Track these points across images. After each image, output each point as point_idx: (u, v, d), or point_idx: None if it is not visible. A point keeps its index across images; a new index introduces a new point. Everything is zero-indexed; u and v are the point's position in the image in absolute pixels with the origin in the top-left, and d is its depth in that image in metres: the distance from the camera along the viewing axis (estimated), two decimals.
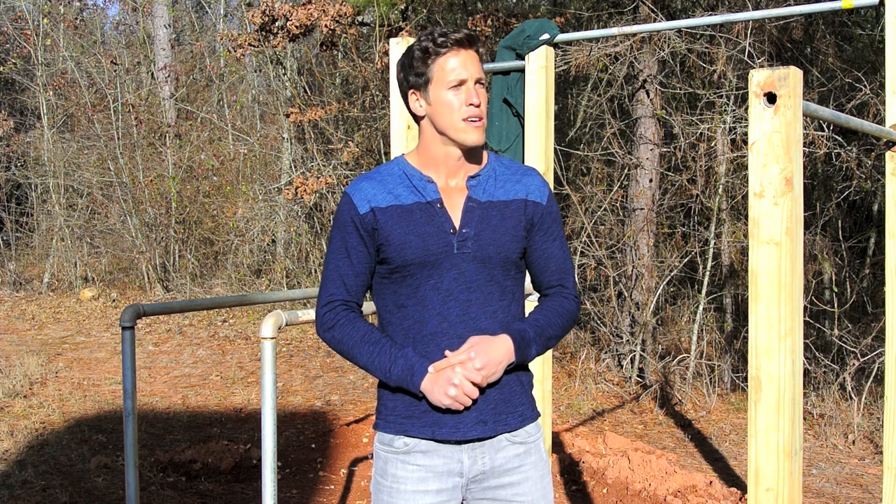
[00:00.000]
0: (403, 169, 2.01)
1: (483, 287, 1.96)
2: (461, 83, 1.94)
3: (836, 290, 7.19)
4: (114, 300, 12.09)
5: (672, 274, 7.67)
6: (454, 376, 1.88)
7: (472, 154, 2.01)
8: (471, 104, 1.93)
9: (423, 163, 2.01)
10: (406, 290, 1.96)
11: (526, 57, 3.59)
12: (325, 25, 9.32)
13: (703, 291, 7.39)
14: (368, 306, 2.20)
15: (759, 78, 1.94)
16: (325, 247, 10.89)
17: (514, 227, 1.99)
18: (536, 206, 2.02)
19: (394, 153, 3.77)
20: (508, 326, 1.97)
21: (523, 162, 3.57)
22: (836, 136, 7.05)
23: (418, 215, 1.95)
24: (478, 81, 1.96)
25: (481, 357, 1.89)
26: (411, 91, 2.00)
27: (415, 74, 1.98)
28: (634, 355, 7.54)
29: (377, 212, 1.95)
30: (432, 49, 1.94)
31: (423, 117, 2.00)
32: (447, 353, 1.92)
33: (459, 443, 1.96)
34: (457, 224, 1.96)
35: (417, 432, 1.96)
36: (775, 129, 1.93)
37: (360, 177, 2.03)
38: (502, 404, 1.98)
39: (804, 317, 4.41)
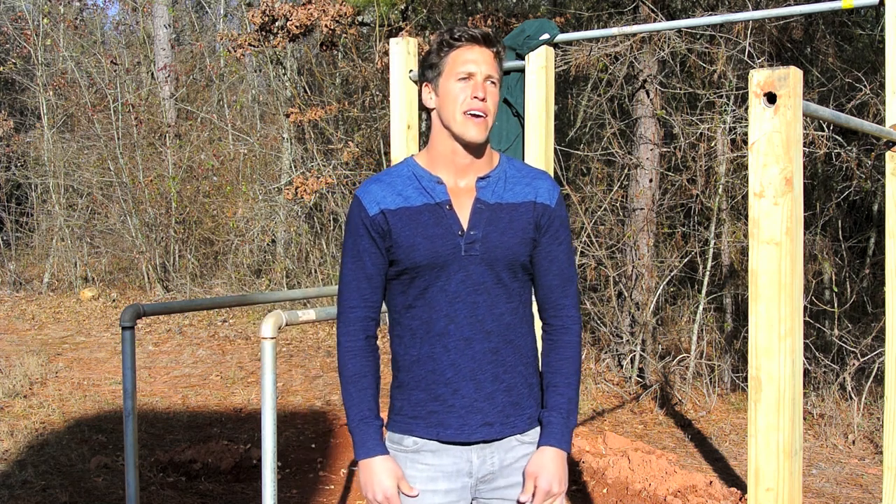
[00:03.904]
0: (413, 170, 2.01)
1: (490, 289, 1.96)
2: (469, 76, 1.94)
3: (836, 290, 7.19)
4: (114, 300, 12.09)
5: (672, 274, 7.67)
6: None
7: (478, 152, 1.99)
8: (475, 97, 1.93)
9: (432, 162, 2.01)
10: (414, 291, 1.96)
11: (526, 57, 3.58)
12: (325, 25, 9.32)
13: (703, 291, 7.39)
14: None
15: (759, 78, 1.94)
16: (325, 247, 10.89)
17: (523, 230, 1.98)
18: (545, 208, 2.02)
19: (394, 153, 3.76)
20: (548, 432, 1.99)
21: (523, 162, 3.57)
22: (836, 136, 7.05)
23: (427, 217, 1.95)
24: (489, 78, 1.95)
25: (559, 483, 1.96)
26: (425, 84, 2.02)
27: (429, 67, 1.99)
28: (634, 355, 7.54)
29: (387, 213, 1.95)
30: (447, 42, 1.96)
31: (432, 110, 2.01)
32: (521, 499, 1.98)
33: (467, 444, 1.97)
34: (465, 226, 1.96)
35: (423, 432, 1.97)
36: (775, 129, 1.93)
37: (370, 179, 2.03)
38: (510, 407, 1.99)
39: (804, 317, 4.41)
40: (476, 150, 1.99)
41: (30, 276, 13.88)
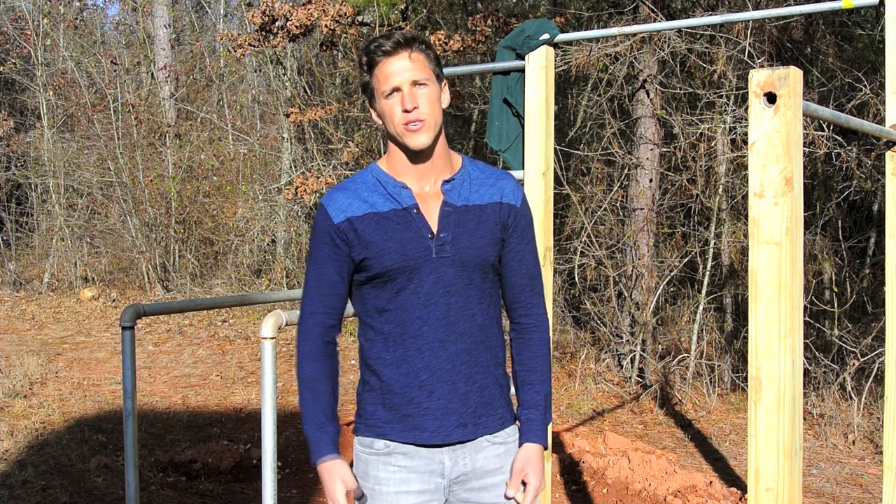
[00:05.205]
0: (377, 176, 2.02)
1: (462, 290, 1.98)
2: (395, 90, 1.94)
3: (836, 290, 7.19)
4: (114, 300, 12.09)
5: (672, 274, 7.67)
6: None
7: (430, 154, 2.00)
8: (405, 110, 1.93)
9: (395, 168, 2.02)
10: (386, 294, 1.97)
11: (526, 57, 3.58)
12: (325, 25, 9.32)
13: (703, 291, 7.39)
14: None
15: (759, 78, 1.94)
16: None
17: (491, 231, 2.01)
18: (511, 208, 2.04)
19: None
20: (529, 429, 2.05)
21: (523, 162, 3.58)
22: (836, 136, 7.05)
23: (395, 222, 1.96)
24: (416, 83, 1.95)
25: (542, 478, 2.03)
26: (369, 106, 2.05)
27: (363, 90, 2.02)
28: (634, 355, 7.54)
29: (353, 221, 1.96)
30: (366, 63, 1.98)
31: (383, 126, 2.03)
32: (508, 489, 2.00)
33: (440, 445, 1.99)
34: (434, 229, 1.97)
35: (398, 436, 1.98)
36: (775, 129, 1.93)
37: (335, 187, 2.04)
38: (482, 407, 2.01)
39: (804, 317, 4.41)
40: (428, 152, 1.99)
41: (30, 276, 13.88)
